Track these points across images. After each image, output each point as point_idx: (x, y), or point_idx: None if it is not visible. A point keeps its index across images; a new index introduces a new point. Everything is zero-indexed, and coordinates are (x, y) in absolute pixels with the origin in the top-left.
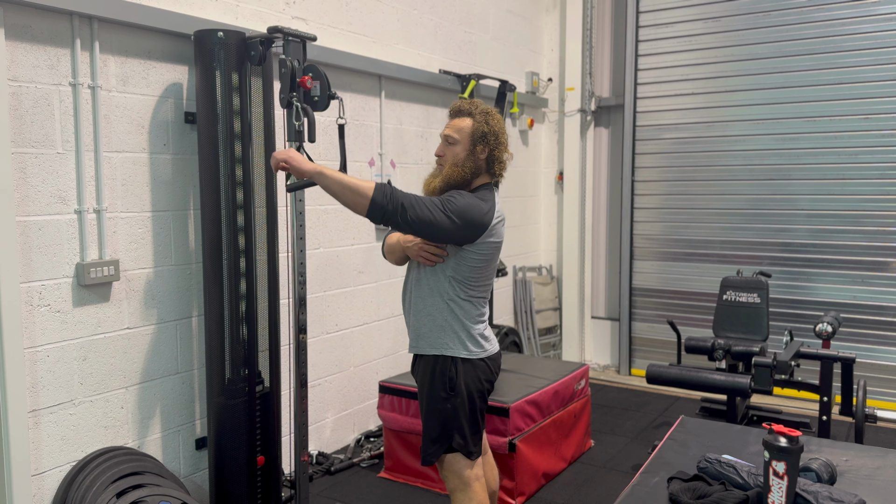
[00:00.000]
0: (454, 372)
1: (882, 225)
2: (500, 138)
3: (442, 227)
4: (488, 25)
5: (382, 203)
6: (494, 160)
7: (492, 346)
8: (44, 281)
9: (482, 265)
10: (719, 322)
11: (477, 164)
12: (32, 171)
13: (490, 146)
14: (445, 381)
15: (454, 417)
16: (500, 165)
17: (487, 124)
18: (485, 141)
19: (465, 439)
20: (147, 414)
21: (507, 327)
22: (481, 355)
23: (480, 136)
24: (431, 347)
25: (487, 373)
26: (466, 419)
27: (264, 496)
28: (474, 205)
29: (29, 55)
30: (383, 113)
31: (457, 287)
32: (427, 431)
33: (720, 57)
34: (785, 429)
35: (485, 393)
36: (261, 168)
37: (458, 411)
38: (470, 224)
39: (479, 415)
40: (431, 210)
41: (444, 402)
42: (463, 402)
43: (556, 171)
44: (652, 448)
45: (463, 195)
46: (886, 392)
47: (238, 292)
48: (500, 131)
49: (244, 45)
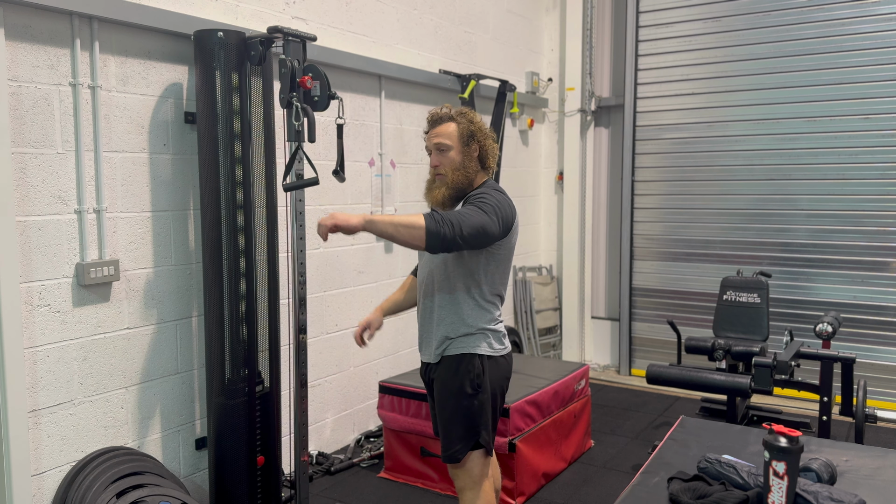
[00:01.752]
0: (481, 369)
1: (882, 225)
2: (484, 132)
3: (491, 230)
4: (488, 25)
5: (436, 229)
6: (486, 154)
7: (509, 345)
8: (44, 281)
9: (507, 260)
10: (719, 322)
11: (474, 163)
12: (32, 171)
13: (479, 142)
14: (473, 379)
15: (481, 414)
16: (492, 158)
17: (472, 123)
18: (473, 139)
19: (490, 435)
20: (147, 414)
21: (507, 327)
22: (503, 352)
23: (469, 135)
24: (458, 348)
25: (507, 370)
26: (490, 416)
27: (264, 496)
28: (501, 199)
29: (29, 55)
30: (383, 113)
31: (484, 287)
32: (453, 430)
33: (720, 57)
34: (785, 429)
35: (505, 390)
36: (261, 168)
37: (485, 407)
38: (506, 217)
39: (497, 411)
40: (476, 217)
41: (472, 399)
42: (488, 399)
43: (556, 171)
44: (652, 448)
45: (488, 192)
46: (886, 392)
47: (238, 292)
48: (481, 125)
49: (244, 45)
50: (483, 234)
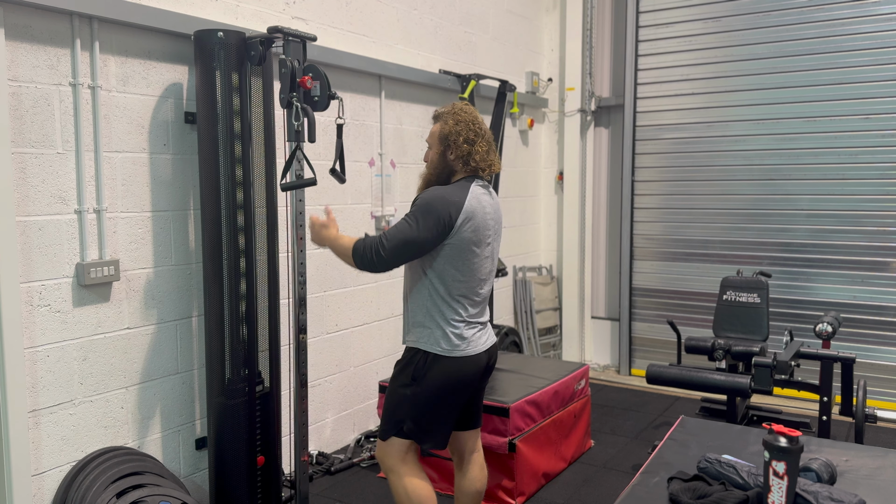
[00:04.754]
0: (423, 366)
1: (882, 225)
2: (467, 134)
3: (416, 239)
4: (488, 25)
5: (361, 255)
6: (468, 155)
7: (469, 347)
8: (44, 281)
9: (461, 258)
10: (719, 322)
11: (447, 164)
12: (32, 171)
13: (456, 144)
14: (412, 371)
15: (411, 406)
16: (478, 157)
17: (457, 124)
18: (448, 141)
19: (418, 427)
20: (147, 414)
21: (507, 327)
22: (455, 354)
23: (444, 137)
24: (411, 340)
25: (460, 372)
26: (424, 410)
27: (264, 496)
28: (437, 196)
29: (29, 55)
30: (383, 113)
31: (438, 282)
32: (385, 410)
33: (720, 57)
34: (785, 429)
35: (456, 390)
36: (261, 168)
37: (417, 401)
38: (437, 220)
39: (445, 410)
40: (397, 234)
41: (405, 389)
42: (425, 395)
43: (556, 171)
44: (652, 448)
45: (429, 191)
46: (886, 392)
47: (238, 292)
48: (465, 128)
49: (244, 45)
50: (407, 246)
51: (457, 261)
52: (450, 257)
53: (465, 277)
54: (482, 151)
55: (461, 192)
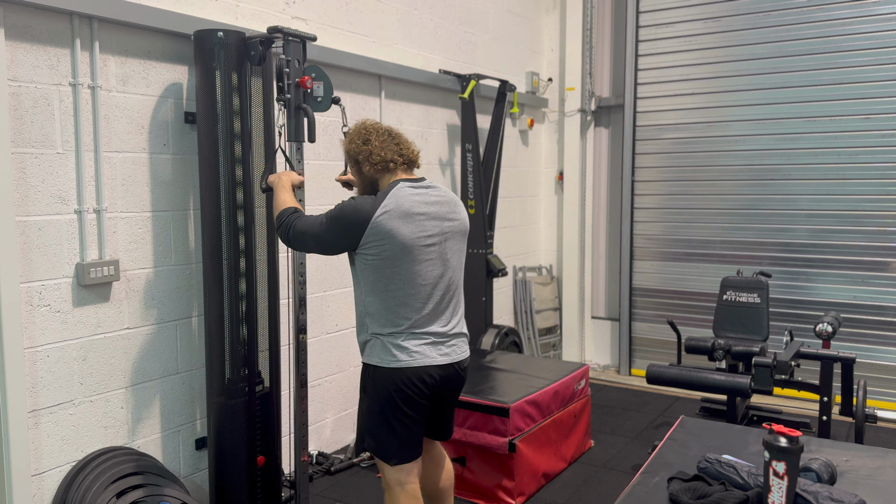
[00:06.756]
0: (367, 377)
1: (882, 225)
2: (358, 141)
3: (315, 232)
4: (488, 25)
5: (277, 223)
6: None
7: (415, 360)
8: (44, 281)
9: (389, 268)
10: (719, 322)
11: (366, 177)
12: (32, 171)
13: (358, 153)
14: (362, 383)
15: (365, 418)
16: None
17: (350, 142)
18: (351, 157)
19: (377, 442)
20: (147, 414)
21: (507, 327)
22: (392, 365)
23: (347, 155)
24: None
25: (404, 384)
26: (378, 424)
27: (264, 496)
28: (351, 204)
29: (29, 55)
30: (383, 113)
31: (370, 293)
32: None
33: (720, 57)
34: (785, 429)
35: (406, 402)
36: (261, 168)
37: (371, 414)
38: (339, 221)
39: (398, 424)
40: (311, 220)
41: (361, 403)
42: (372, 406)
43: (556, 171)
44: (652, 448)
45: (351, 198)
46: (886, 392)
47: (238, 292)
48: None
49: (244, 45)
50: (308, 239)
51: (387, 268)
52: (377, 267)
53: (400, 285)
54: (379, 143)
55: (379, 199)
